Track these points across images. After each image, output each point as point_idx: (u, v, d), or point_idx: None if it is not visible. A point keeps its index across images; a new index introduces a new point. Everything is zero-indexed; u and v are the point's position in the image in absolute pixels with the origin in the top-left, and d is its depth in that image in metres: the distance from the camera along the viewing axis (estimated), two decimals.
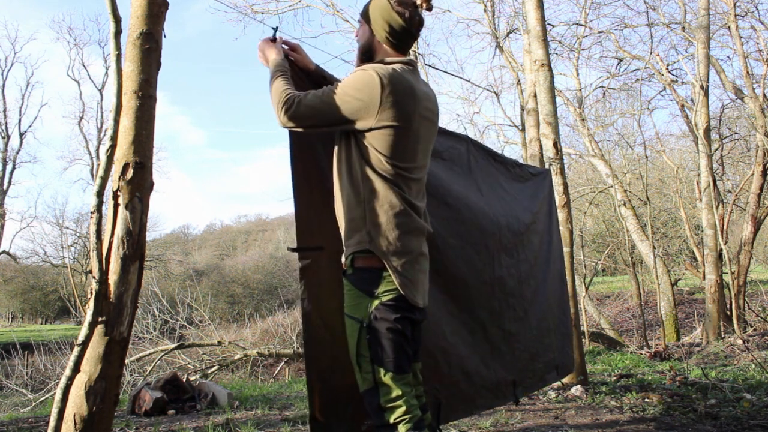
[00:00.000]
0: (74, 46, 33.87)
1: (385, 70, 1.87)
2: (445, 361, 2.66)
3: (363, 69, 1.89)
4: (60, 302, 29.24)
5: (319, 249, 2.14)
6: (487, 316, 3.00)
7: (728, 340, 8.08)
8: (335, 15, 10.31)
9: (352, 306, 1.88)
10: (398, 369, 1.81)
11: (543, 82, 5.30)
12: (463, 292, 2.86)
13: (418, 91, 1.94)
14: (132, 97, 2.01)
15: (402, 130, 1.86)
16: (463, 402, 2.78)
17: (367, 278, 1.85)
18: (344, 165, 1.95)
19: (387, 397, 1.80)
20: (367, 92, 1.83)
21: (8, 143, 30.58)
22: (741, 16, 11.01)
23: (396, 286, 1.83)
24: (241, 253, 41.06)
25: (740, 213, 12.60)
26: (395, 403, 1.80)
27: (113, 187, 1.98)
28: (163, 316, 11.46)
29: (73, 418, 1.85)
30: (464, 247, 2.86)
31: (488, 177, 3.39)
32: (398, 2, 1.96)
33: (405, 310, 1.85)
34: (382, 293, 1.83)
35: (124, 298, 1.94)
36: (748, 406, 3.87)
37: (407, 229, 1.88)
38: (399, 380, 1.81)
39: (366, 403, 1.87)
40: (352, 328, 1.87)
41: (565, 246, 4.90)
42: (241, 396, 5.07)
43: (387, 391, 1.80)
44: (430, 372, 2.47)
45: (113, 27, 1.97)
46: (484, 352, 2.95)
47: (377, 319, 1.82)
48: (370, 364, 1.82)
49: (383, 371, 1.81)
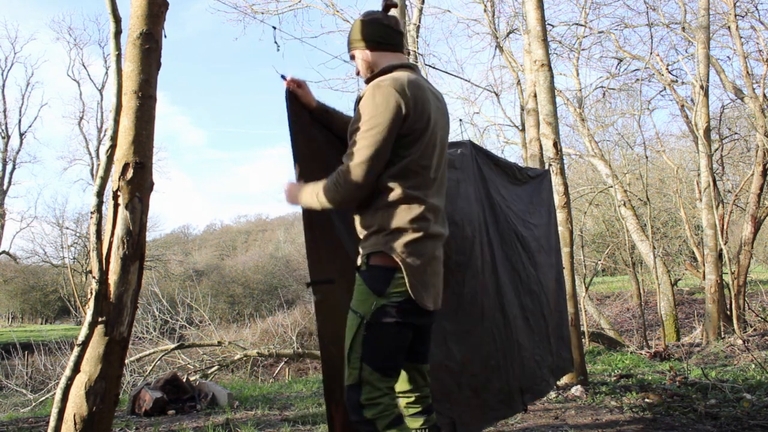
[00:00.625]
0: (74, 46, 33.87)
1: (395, 81, 1.86)
2: (454, 381, 2.67)
3: (376, 86, 1.86)
4: (60, 302, 29.24)
5: (330, 282, 2.13)
6: (495, 327, 3.02)
7: (728, 340, 8.08)
8: (335, 15, 10.31)
9: (358, 301, 1.89)
10: (385, 372, 1.85)
11: (543, 82, 5.30)
12: (471, 308, 2.86)
13: (428, 92, 1.97)
14: (132, 97, 2.02)
15: (421, 132, 1.89)
16: (475, 418, 2.79)
17: (379, 277, 1.86)
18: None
19: (369, 395, 1.83)
20: (392, 107, 1.83)
21: (8, 143, 30.60)
22: (741, 16, 11.01)
23: (406, 288, 1.83)
24: (241, 253, 41.06)
25: (740, 213, 12.60)
26: (376, 400, 1.82)
27: (113, 187, 1.98)
28: (163, 316, 11.46)
29: (73, 418, 1.85)
30: (470, 262, 2.87)
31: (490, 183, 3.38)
32: (365, 15, 2.07)
33: (410, 314, 1.86)
34: (391, 294, 1.84)
35: (124, 298, 1.95)
36: (748, 406, 3.87)
37: (424, 234, 1.87)
38: (383, 381, 1.85)
39: (346, 397, 1.88)
40: (353, 322, 1.88)
41: (565, 246, 4.89)
42: (241, 396, 5.07)
43: (370, 390, 1.83)
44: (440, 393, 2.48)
45: (113, 27, 1.97)
46: (494, 365, 2.97)
47: (379, 319, 1.83)
48: (359, 361, 1.84)
49: (370, 370, 1.83)
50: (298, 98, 2.24)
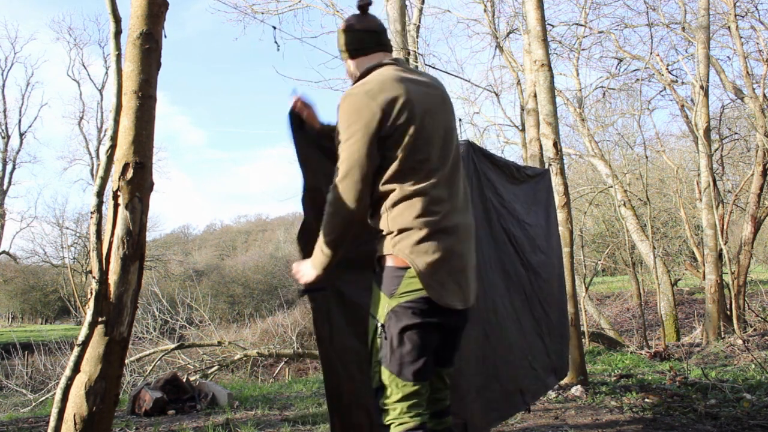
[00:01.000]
0: (74, 46, 33.85)
1: (364, 86, 1.86)
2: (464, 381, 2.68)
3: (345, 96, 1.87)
4: (60, 302, 29.23)
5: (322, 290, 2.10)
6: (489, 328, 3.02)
7: (728, 340, 8.08)
8: (335, 15, 10.30)
9: (374, 305, 1.87)
10: (401, 374, 1.77)
11: (543, 82, 5.30)
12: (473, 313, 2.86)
13: (412, 83, 1.90)
14: (132, 97, 2.02)
15: (405, 127, 1.82)
16: (482, 418, 2.82)
17: (390, 278, 1.82)
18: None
19: (386, 399, 1.80)
20: (364, 113, 1.80)
21: (8, 143, 30.63)
22: (741, 16, 11.01)
23: (421, 287, 1.77)
24: (241, 253, 41.04)
25: (740, 213, 12.59)
26: (392, 406, 1.78)
27: (113, 187, 1.98)
28: (163, 316, 11.46)
29: (73, 418, 1.85)
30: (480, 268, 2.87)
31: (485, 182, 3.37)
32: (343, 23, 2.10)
33: (428, 314, 1.78)
34: (402, 294, 1.78)
35: (124, 298, 1.95)
36: (748, 406, 3.87)
37: (431, 230, 1.80)
38: (401, 384, 1.78)
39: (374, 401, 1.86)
40: (371, 326, 1.87)
41: (565, 246, 4.89)
42: (241, 396, 5.07)
43: (387, 394, 1.79)
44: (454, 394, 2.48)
45: (113, 27, 1.97)
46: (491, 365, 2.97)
47: (391, 321, 1.79)
48: (378, 365, 1.81)
49: (388, 374, 1.79)
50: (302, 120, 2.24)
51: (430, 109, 1.91)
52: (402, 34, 8.63)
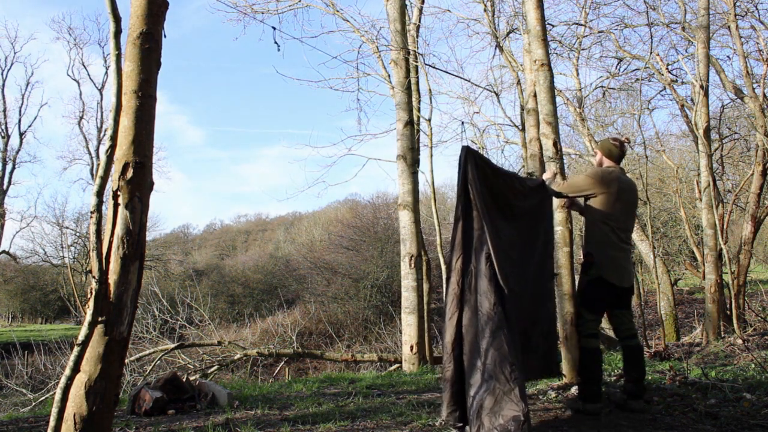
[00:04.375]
0: (74, 46, 33.89)
1: (602, 170, 4.08)
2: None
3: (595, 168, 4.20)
4: (60, 302, 29.26)
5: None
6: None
7: (728, 340, 8.08)
8: (335, 15, 10.29)
9: (581, 275, 4.08)
10: (589, 308, 4.05)
11: (543, 82, 5.30)
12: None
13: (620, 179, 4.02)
14: (132, 97, 2.02)
15: (608, 197, 3.93)
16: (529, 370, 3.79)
17: (587, 264, 4.01)
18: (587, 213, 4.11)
19: (581, 319, 4.08)
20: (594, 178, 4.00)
21: (8, 143, 30.66)
22: (741, 16, 11.01)
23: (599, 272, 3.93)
24: (241, 253, 41.07)
25: (740, 213, 12.60)
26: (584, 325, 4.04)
27: (113, 187, 1.98)
28: (163, 316, 11.47)
29: (73, 418, 1.85)
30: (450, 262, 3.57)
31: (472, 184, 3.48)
32: (613, 139, 4.21)
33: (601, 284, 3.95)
34: (592, 273, 3.97)
35: (124, 298, 1.95)
36: (748, 406, 3.87)
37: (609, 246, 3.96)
38: (588, 314, 4.03)
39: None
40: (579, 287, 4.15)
41: (565, 246, 4.90)
42: (241, 396, 5.07)
43: (583, 319, 4.06)
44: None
45: (113, 27, 1.97)
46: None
47: (585, 285, 4.04)
48: (580, 306, 4.13)
49: (583, 309, 4.09)
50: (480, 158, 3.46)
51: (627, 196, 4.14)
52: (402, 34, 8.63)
